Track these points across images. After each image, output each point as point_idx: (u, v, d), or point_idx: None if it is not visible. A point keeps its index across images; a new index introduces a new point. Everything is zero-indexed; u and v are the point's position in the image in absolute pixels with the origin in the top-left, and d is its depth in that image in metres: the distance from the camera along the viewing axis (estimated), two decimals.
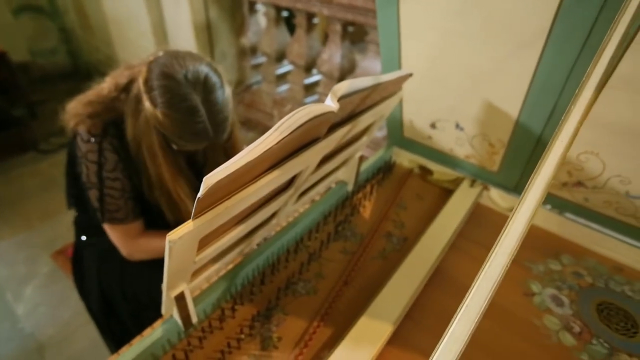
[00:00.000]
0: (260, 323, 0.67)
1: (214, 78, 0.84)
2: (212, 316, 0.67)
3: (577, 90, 0.39)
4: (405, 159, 1.08)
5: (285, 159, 0.54)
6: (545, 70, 0.65)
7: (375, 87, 0.64)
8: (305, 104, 1.39)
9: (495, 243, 0.38)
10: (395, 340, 0.65)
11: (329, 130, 0.62)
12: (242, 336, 0.65)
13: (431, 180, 1.03)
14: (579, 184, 0.79)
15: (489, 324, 0.70)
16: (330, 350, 0.61)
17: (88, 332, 1.56)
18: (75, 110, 0.89)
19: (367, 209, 0.93)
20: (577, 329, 0.69)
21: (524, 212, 0.38)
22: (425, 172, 1.05)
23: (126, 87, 0.88)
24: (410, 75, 0.72)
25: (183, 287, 0.57)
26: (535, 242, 0.87)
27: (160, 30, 2.26)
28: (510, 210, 0.94)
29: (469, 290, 0.38)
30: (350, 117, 0.66)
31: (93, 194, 0.90)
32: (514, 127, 0.79)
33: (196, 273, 0.62)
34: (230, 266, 0.73)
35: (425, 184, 1.02)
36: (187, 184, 0.94)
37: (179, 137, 0.84)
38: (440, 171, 1.02)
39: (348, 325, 0.64)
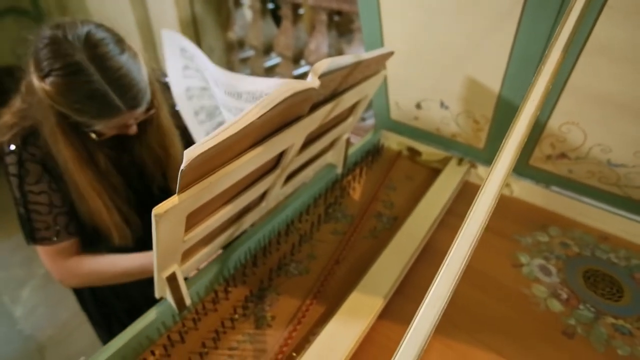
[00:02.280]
0: (254, 303, 0.68)
1: (99, 34, 0.74)
2: (206, 299, 0.68)
3: (546, 52, 0.40)
4: (393, 141, 1.09)
5: (269, 136, 0.55)
6: (523, 42, 0.65)
7: (356, 65, 0.65)
8: None
9: (475, 199, 0.39)
10: (386, 314, 0.66)
11: (312, 109, 0.63)
12: (236, 316, 0.65)
13: (420, 161, 1.04)
14: (563, 155, 0.81)
15: (479, 295, 0.71)
16: (323, 325, 0.62)
17: (87, 331, 1.57)
18: None
19: (356, 191, 0.94)
20: (564, 295, 0.71)
21: (500, 167, 0.39)
22: (413, 153, 1.06)
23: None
24: (392, 53, 0.73)
25: (174, 268, 0.57)
26: (523, 216, 0.88)
27: (146, 27, 2.25)
28: None
29: (450, 249, 0.39)
30: (333, 96, 0.67)
31: (19, 212, 0.81)
32: (496, 101, 0.80)
33: (187, 255, 0.63)
34: (221, 250, 0.74)
35: (414, 165, 1.03)
36: (108, 186, 0.85)
37: (76, 109, 0.72)
38: (428, 152, 1.03)
39: (340, 302, 0.65)
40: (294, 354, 0.60)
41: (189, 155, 0.40)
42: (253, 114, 0.47)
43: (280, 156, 0.65)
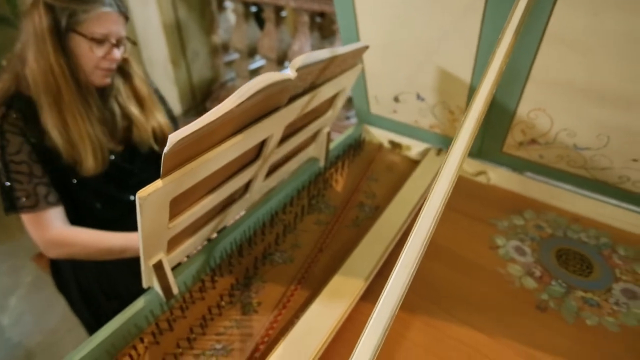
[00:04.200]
0: (240, 291, 0.70)
1: None
2: (193, 288, 0.70)
3: (500, 35, 0.43)
4: (375, 135, 1.12)
5: (249, 125, 0.57)
6: (488, 32, 0.69)
7: (332, 59, 0.68)
8: None
9: (437, 174, 0.42)
10: (368, 295, 0.69)
11: (291, 101, 0.65)
12: (223, 303, 0.67)
13: (400, 154, 1.08)
14: (533, 141, 0.84)
15: (457, 276, 0.74)
16: (307, 308, 0.64)
17: (77, 337, 1.56)
18: None
19: (339, 183, 0.97)
20: (538, 273, 0.74)
21: (461, 142, 0.41)
22: (394, 146, 1.09)
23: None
24: (367, 47, 0.76)
25: (161, 256, 0.59)
26: (500, 201, 0.92)
27: (130, 32, 2.25)
28: (476, 175, 0.99)
29: (415, 222, 0.42)
30: (311, 88, 0.69)
31: (1, 182, 0.87)
32: (468, 91, 0.84)
33: (173, 245, 0.64)
34: (206, 243, 0.76)
35: (395, 158, 1.07)
36: (87, 105, 0.91)
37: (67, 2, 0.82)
38: (408, 144, 1.07)
39: (323, 287, 0.67)
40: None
41: (172, 139, 0.43)
42: (232, 101, 0.49)
43: (261, 147, 0.67)
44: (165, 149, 0.42)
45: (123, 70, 1.01)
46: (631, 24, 0.57)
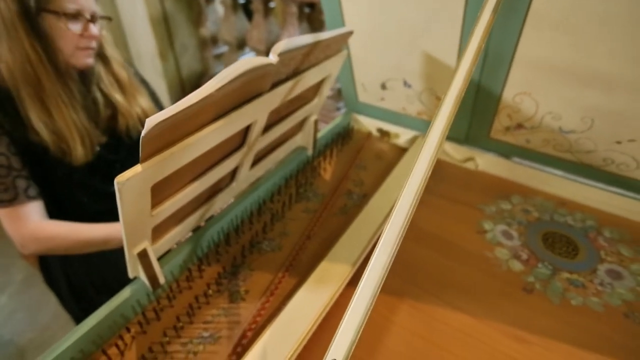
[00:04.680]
0: (228, 280, 0.70)
1: None
2: (180, 277, 0.70)
3: (478, 14, 0.43)
4: (363, 123, 1.12)
5: (231, 111, 0.57)
6: (472, 14, 0.69)
7: (316, 45, 0.68)
8: None
9: (417, 153, 0.42)
10: (356, 281, 0.67)
11: (274, 87, 0.65)
12: (211, 292, 0.67)
13: (389, 142, 1.08)
14: (519, 126, 0.85)
15: (445, 261, 0.74)
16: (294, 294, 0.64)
17: None
18: None
19: (327, 172, 0.96)
20: (524, 256, 0.75)
21: (440, 120, 0.41)
22: (383, 134, 1.09)
23: None
24: (351, 32, 0.76)
25: (145, 245, 0.59)
26: (488, 187, 0.92)
27: (116, 27, 2.22)
28: (464, 161, 1.00)
29: (396, 201, 0.42)
30: (295, 74, 0.69)
31: None
32: None
33: (158, 234, 0.64)
34: (192, 232, 0.75)
35: (383, 146, 1.07)
36: (68, 90, 0.88)
37: None
38: (396, 132, 1.07)
39: (311, 273, 0.67)
40: None
41: (150, 122, 0.42)
42: (212, 85, 0.49)
43: (245, 133, 0.67)
44: (143, 133, 0.42)
45: (102, 55, 0.97)
46: (615, 3, 0.57)
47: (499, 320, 0.64)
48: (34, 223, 0.89)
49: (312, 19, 1.93)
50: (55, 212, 0.94)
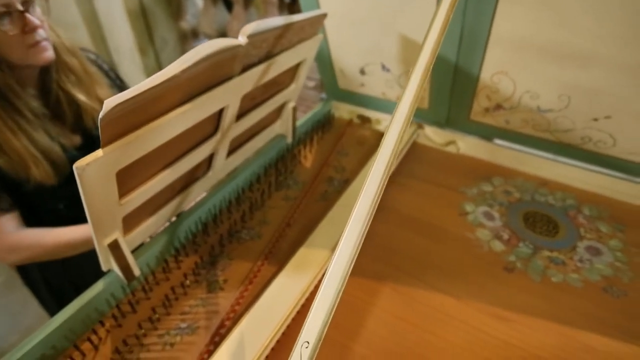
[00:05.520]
0: (206, 270, 0.68)
1: None
2: (157, 269, 0.68)
3: None
4: (344, 111, 1.10)
5: (200, 95, 0.55)
6: None
7: (288, 27, 0.66)
8: None
9: (386, 128, 0.41)
10: None
11: (246, 70, 0.63)
12: (188, 282, 0.66)
13: (371, 128, 1.07)
14: (498, 106, 0.84)
15: (426, 243, 0.74)
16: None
17: None
18: None
19: (308, 160, 0.95)
20: (506, 236, 0.75)
21: (408, 94, 0.40)
22: (364, 120, 1.08)
23: None
24: (325, 15, 0.74)
25: (116, 235, 0.57)
26: (469, 170, 0.92)
27: (93, 21, 2.17)
28: (446, 145, 0.99)
29: (366, 177, 0.41)
30: (268, 58, 0.67)
31: None
32: None
33: (131, 225, 0.62)
34: (169, 223, 0.73)
35: (365, 132, 1.06)
36: (16, 113, 0.78)
37: None
38: (378, 118, 1.06)
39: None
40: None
41: (108, 104, 0.40)
42: (175, 67, 0.47)
43: (218, 120, 0.65)
44: (101, 115, 0.40)
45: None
46: None
47: (480, 300, 0.64)
48: (10, 235, 0.83)
49: (293, 9, 1.91)
50: (32, 219, 0.90)
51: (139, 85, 0.43)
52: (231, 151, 0.78)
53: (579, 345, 0.57)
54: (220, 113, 0.64)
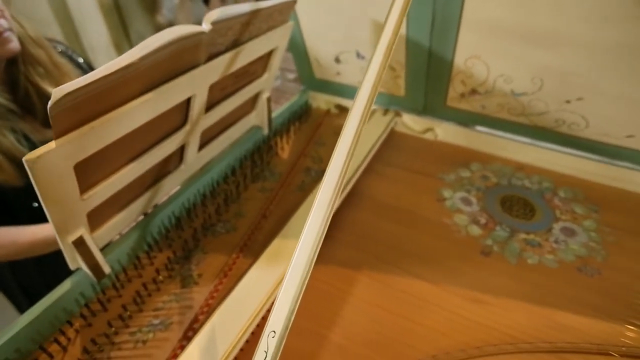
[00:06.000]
0: (180, 265, 0.67)
1: None
2: (129, 266, 0.66)
3: None
4: (321, 101, 1.09)
5: (162, 84, 0.53)
6: None
7: (255, 14, 0.64)
8: None
9: (349, 111, 0.40)
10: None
11: (213, 58, 0.61)
12: (161, 278, 0.64)
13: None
14: (474, 91, 0.84)
15: (403, 230, 0.73)
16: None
17: None
18: None
19: (285, 151, 0.94)
20: (483, 221, 0.75)
21: (370, 75, 0.39)
22: (341, 110, 1.07)
23: None
24: (294, 1, 0.72)
25: (81, 232, 0.55)
26: (447, 157, 0.92)
27: (65, 17, 2.10)
28: (424, 132, 0.99)
29: (330, 160, 0.40)
30: (235, 46, 0.66)
31: None
32: (405, 45, 0.82)
33: (99, 221, 0.60)
34: (141, 218, 0.71)
35: (342, 121, 1.04)
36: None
37: None
38: None
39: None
40: None
41: (57, 93, 0.38)
42: (133, 54, 0.45)
43: (186, 111, 0.63)
44: (50, 104, 0.38)
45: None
46: None
47: (458, 285, 0.63)
48: None
49: None
50: (6, 218, 0.87)
51: (93, 72, 0.41)
52: (204, 143, 0.76)
53: (554, 324, 0.57)
54: (187, 103, 0.62)
